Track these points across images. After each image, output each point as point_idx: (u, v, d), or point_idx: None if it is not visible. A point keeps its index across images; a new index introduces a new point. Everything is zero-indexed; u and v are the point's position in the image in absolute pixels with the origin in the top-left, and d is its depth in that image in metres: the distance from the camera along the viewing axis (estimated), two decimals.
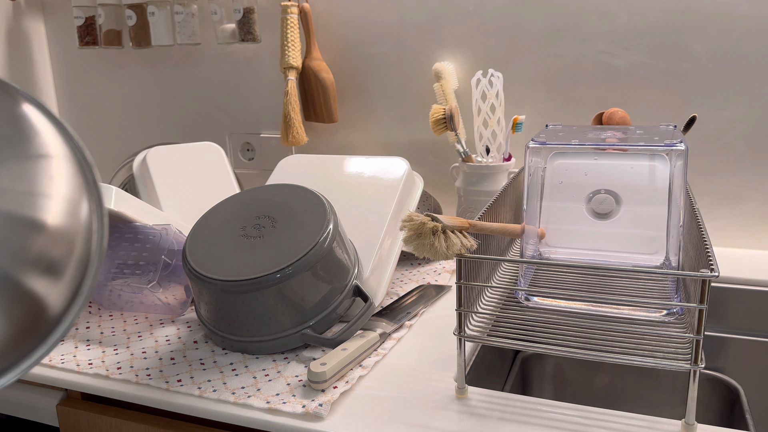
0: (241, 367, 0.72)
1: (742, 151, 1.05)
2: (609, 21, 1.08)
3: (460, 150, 1.11)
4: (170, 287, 0.86)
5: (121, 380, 0.71)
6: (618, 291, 0.76)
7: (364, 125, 1.30)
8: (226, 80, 1.39)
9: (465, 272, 0.64)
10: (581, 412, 0.62)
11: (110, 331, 0.83)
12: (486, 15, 1.15)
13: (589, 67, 1.11)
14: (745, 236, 1.08)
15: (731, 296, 0.95)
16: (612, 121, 0.87)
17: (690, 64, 1.05)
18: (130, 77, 1.48)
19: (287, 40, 1.23)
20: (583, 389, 0.96)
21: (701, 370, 0.57)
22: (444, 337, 0.79)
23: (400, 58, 1.23)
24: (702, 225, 0.68)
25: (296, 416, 0.63)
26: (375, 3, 1.22)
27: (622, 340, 0.63)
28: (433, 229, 0.61)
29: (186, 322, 0.85)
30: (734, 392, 0.85)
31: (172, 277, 0.86)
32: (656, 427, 0.60)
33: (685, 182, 0.70)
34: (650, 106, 1.09)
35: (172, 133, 1.48)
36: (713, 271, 0.55)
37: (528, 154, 0.75)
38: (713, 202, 1.09)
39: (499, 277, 0.83)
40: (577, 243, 0.76)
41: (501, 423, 0.61)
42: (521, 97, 1.16)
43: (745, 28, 1.01)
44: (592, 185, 0.75)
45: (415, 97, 1.24)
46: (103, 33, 1.37)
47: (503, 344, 0.65)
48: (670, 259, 0.72)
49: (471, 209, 1.11)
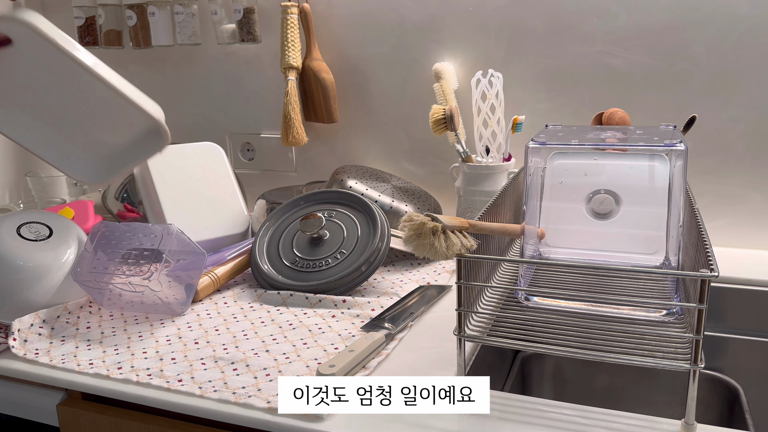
0: (242, 367, 0.72)
1: (742, 151, 1.05)
2: (609, 21, 1.08)
3: (460, 150, 1.11)
4: (171, 286, 0.86)
5: (122, 380, 0.71)
6: (618, 291, 0.76)
7: (364, 125, 1.30)
8: (226, 80, 1.39)
9: (465, 272, 0.64)
10: (581, 412, 0.62)
11: (111, 331, 0.83)
12: (486, 15, 1.15)
13: (588, 67, 1.11)
14: (745, 236, 1.08)
15: (731, 296, 0.95)
16: (612, 121, 0.87)
17: (690, 64, 1.05)
18: (130, 77, 1.46)
19: (287, 40, 1.23)
20: (583, 389, 0.96)
21: (701, 370, 0.57)
22: (444, 337, 0.79)
23: (400, 58, 1.23)
24: (702, 225, 0.68)
25: (297, 416, 0.63)
26: (375, 3, 1.22)
27: (622, 340, 0.63)
28: (433, 229, 0.61)
29: (186, 323, 0.85)
30: (734, 392, 0.85)
31: (173, 276, 0.86)
32: (656, 427, 0.60)
33: (684, 182, 0.70)
34: (650, 106, 1.09)
35: (172, 133, 1.47)
36: (713, 271, 0.55)
37: (528, 154, 0.75)
38: (713, 202, 1.09)
39: (499, 277, 0.83)
40: (577, 243, 0.76)
41: (501, 423, 0.61)
42: (521, 97, 1.17)
43: (745, 28, 1.01)
44: (591, 185, 0.75)
45: (415, 97, 1.24)
46: (104, 33, 1.37)
47: (503, 344, 0.65)
48: (669, 259, 0.72)
49: (471, 209, 1.11)
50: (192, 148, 1.12)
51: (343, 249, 0.95)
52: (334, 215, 0.99)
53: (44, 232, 0.88)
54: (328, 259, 0.94)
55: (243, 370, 0.72)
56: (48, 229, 0.89)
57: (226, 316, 0.87)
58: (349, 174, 1.11)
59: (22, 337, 0.79)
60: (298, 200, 1.04)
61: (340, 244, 0.95)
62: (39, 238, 0.87)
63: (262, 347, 0.77)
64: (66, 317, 0.85)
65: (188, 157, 1.10)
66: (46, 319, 0.83)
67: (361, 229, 0.96)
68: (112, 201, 1.24)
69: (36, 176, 1.38)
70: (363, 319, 0.84)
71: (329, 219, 0.99)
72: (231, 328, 0.83)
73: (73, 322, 0.85)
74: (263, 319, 0.86)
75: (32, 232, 0.87)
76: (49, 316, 0.83)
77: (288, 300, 0.90)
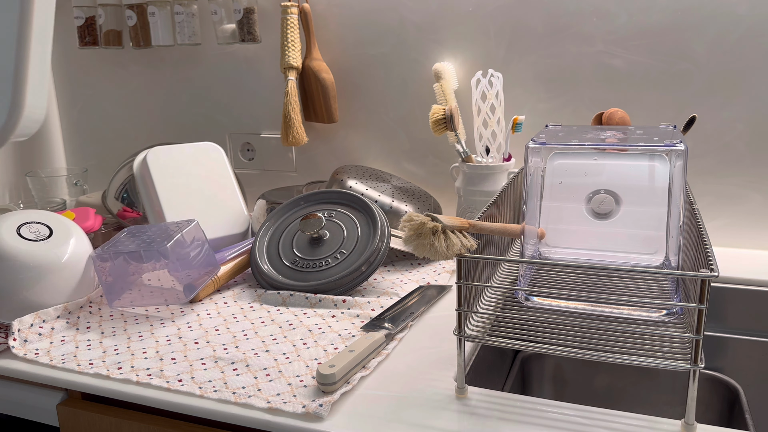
0: (242, 367, 0.72)
1: (742, 151, 1.05)
2: (609, 21, 1.08)
3: (459, 150, 1.11)
4: (181, 271, 0.86)
5: (122, 380, 0.71)
6: (618, 291, 0.76)
7: (364, 125, 1.30)
8: (226, 80, 1.39)
9: (465, 272, 0.64)
10: (581, 412, 0.62)
11: (111, 331, 0.83)
12: (486, 15, 1.15)
13: (588, 67, 1.11)
14: (745, 236, 1.08)
15: (731, 296, 0.95)
16: (612, 121, 0.87)
17: (690, 64, 1.05)
18: (130, 77, 1.48)
19: (287, 40, 1.23)
20: (583, 389, 0.96)
21: (701, 370, 0.57)
22: (444, 337, 0.79)
23: (400, 58, 1.23)
24: (702, 225, 0.68)
25: (297, 416, 0.63)
26: (375, 3, 1.22)
27: (622, 340, 0.63)
28: (433, 229, 0.61)
29: (186, 323, 0.85)
30: (734, 392, 0.85)
31: (185, 263, 0.87)
32: (656, 427, 0.60)
33: (684, 182, 0.70)
34: (650, 106, 1.09)
35: (172, 133, 1.48)
36: (713, 271, 0.55)
37: (528, 154, 0.75)
38: (713, 202, 1.09)
39: (499, 277, 0.83)
40: (577, 243, 0.76)
41: (501, 423, 0.61)
42: (521, 97, 1.17)
43: (745, 28, 1.01)
44: (591, 185, 0.75)
45: (415, 97, 1.24)
46: (104, 33, 1.37)
47: (503, 344, 0.65)
48: (669, 259, 0.72)
49: (471, 209, 1.11)
50: (192, 147, 1.12)
51: (343, 249, 0.95)
52: (334, 215, 0.99)
53: (44, 232, 0.88)
54: (328, 259, 0.94)
55: (243, 370, 0.72)
56: (48, 229, 0.89)
57: (226, 316, 0.87)
58: (349, 174, 1.11)
59: (22, 337, 0.79)
60: (298, 200, 1.04)
61: (340, 244, 0.95)
62: (39, 238, 0.87)
63: (262, 347, 0.77)
64: (66, 317, 0.85)
65: (188, 157, 1.10)
66: (46, 319, 0.83)
67: (361, 229, 0.96)
68: (112, 201, 1.25)
69: (36, 176, 1.38)
70: (363, 319, 0.84)
71: (329, 219, 0.99)
72: (231, 328, 0.83)
73: (73, 322, 0.85)
74: (263, 319, 0.86)
75: (32, 232, 0.88)
76: (48, 316, 0.83)
77: (288, 300, 0.90)
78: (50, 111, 1.55)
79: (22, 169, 1.47)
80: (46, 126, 1.54)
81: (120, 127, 1.52)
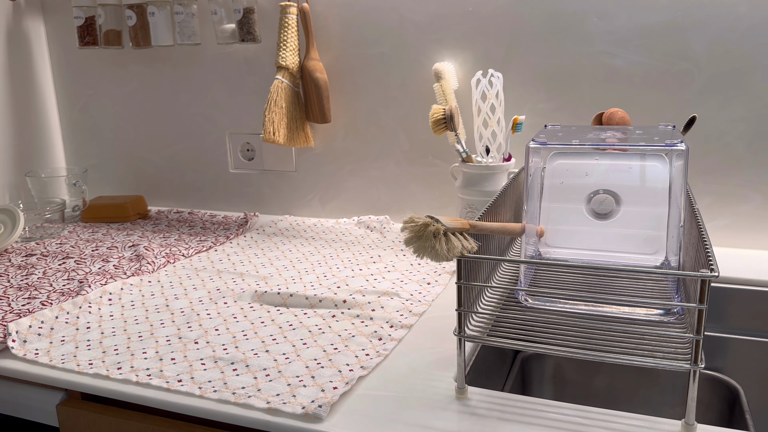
0: (242, 367, 0.72)
1: (742, 151, 1.05)
2: (609, 21, 1.08)
3: (460, 150, 1.11)
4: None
5: (121, 380, 0.71)
6: (618, 291, 0.76)
7: (364, 125, 1.30)
8: (226, 80, 1.39)
9: (465, 272, 0.64)
10: (581, 412, 0.62)
11: (110, 331, 0.83)
12: (486, 15, 1.15)
13: (588, 67, 1.11)
14: (745, 236, 1.08)
15: (731, 296, 0.95)
16: (612, 121, 0.87)
17: (690, 64, 1.05)
18: (130, 77, 1.48)
19: (281, 40, 1.23)
20: (583, 389, 0.96)
21: (701, 370, 0.57)
22: (444, 337, 0.79)
23: (400, 58, 1.23)
24: (702, 225, 0.68)
25: (296, 417, 0.63)
26: (375, 3, 1.22)
27: (621, 340, 0.63)
28: (435, 231, 0.61)
29: (186, 323, 0.85)
30: (734, 392, 0.85)
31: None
32: (656, 427, 0.60)
33: (685, 182, 0.70)
34: (650, 106, 1.09)
35: (173, 133, 1.48)
36: (713, 271, 0.55)
37: (528, 154, 0.75)
38: (713, 202, 1.09)
39: (499, 277, 0.83)
40: (577, 243, 0.76)
41: (501, 423, 0.61)
42: (521, 97, 1.17)
43: (745, 28, 1.01)
44: (592, 185, 0.75)
45: (415, 97, 1.24)
46: (103, 33, 1.37)
47: (503, 344, 0.65)
48: (670, 259, 0.72)
49: (471, 209, 1.11)
50: None
51: None
52: None
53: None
54: None
55: (243, 370, 0.72)
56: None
57: (226, 316, 0.87)
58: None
59: (22, 337, 0.79)
60: None
61: None
62: None
63: (261, 347, 0.77)
64: (65, 317, 0.85)
65: None
66: (44, 320, 0.83)
67: None
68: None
69: (36, 176, 1.38)
70: (363, 319, 0.84)
71: None
72: (231, 328, 0.83)
73: (72, 322, 0.85)
74: (263, 319, 0.86)
75: None
76: (46, 316, 0.83)
77: (288, 300, 0.90)
78: (50, 111, 1.55)
79: (22, 169, 1.47)
80: (46, 126, 1.54)
81: (120, 127, 1.52)
